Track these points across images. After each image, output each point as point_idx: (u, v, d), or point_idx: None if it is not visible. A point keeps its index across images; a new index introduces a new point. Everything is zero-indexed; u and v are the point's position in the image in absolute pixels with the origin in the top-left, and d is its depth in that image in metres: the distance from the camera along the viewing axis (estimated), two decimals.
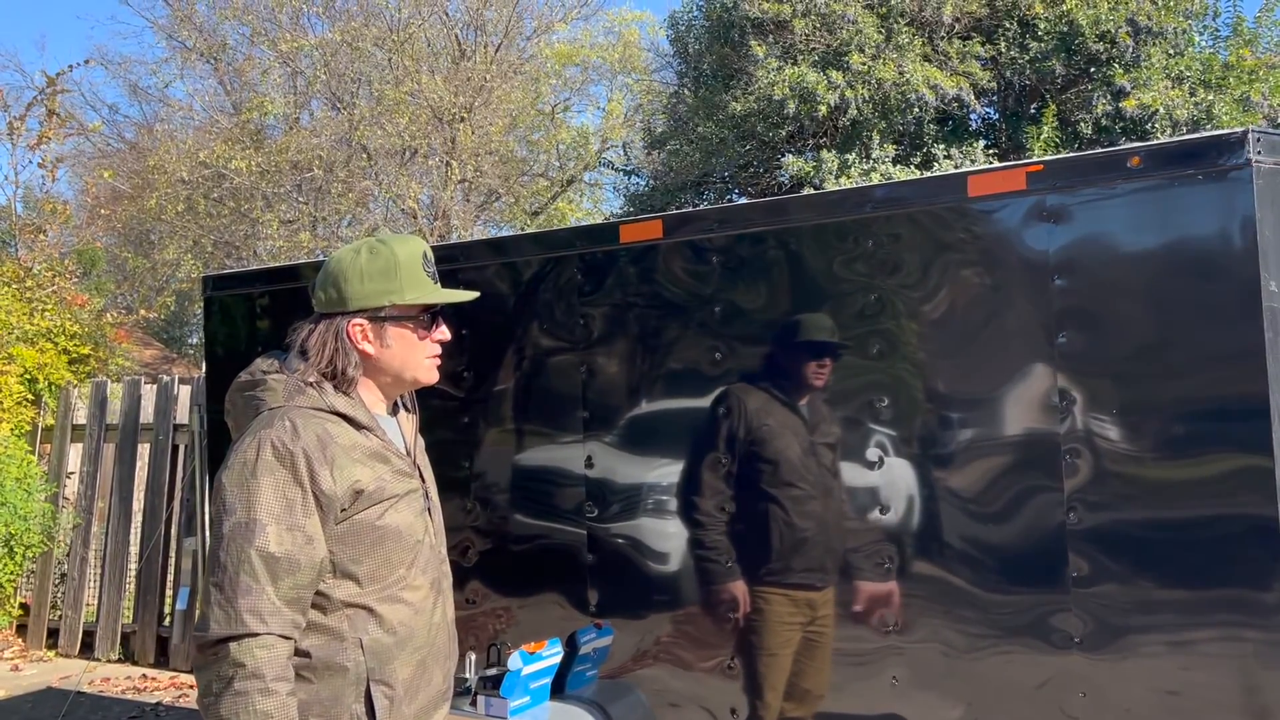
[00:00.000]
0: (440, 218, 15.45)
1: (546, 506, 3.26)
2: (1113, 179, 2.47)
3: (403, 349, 1.98)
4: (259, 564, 1.73)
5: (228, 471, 1.80)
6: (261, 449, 1.79)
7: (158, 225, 16.01)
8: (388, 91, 14.88)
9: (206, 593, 1.76)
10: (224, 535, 1.75)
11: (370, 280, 1.93)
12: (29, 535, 7.30)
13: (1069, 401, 2.52)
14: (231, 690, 1.69)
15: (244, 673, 1.70)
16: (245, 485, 1.77)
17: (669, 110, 12.72)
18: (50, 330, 8.02)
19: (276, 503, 1.77)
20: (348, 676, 1.84)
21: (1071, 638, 2.50)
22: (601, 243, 3.19)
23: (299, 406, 1.86)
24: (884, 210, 2.76)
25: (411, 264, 1.96)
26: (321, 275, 1.99)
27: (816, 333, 2.85)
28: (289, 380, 1.90)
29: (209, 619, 1.73)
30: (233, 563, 1.73)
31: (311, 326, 1.96)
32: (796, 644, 2.91)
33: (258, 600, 1.72)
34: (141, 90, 19.08)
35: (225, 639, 1.71)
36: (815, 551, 2.85)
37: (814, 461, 2.85)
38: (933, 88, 9.20)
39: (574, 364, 3.22)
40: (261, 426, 1.83)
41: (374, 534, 1.88)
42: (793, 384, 2.89)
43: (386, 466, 1.92)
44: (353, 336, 1.94)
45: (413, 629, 1.93)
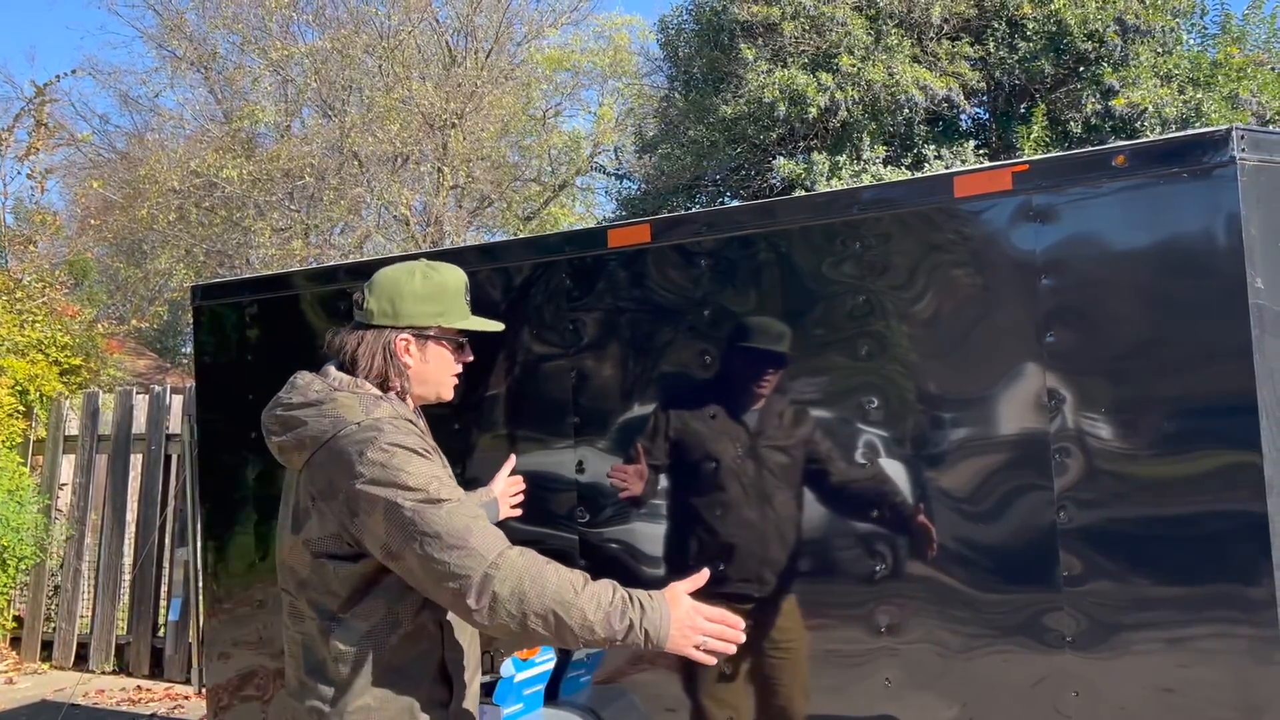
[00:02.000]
0: (433, 224, 15.44)
1: (538, 512, 3.25)
2: (1098, 178, 2.47)
3: (437, 366, 2.18)
4: (456, 511, 1.89)
5: (373, 481, 1.90)
6: (388, 448, 1.92)
7: (149, 235, 15.97)
8: (379, 98, 14.88)
9: (441, 576, 1.86)
10: (414, 517, 1.87)
11: (423, 302, 2.12)
12: (22, 547, 7.27)
13: (1058, 401, 2.52)
14: (535, 592, 1.84)
15: (529, 573, 1.86)
16: (400, 471, 1.90)
17: (660, 114, 12.73)
18: (41, 341, 8.00)
19: (430, 472, 1.93)
20: (420, 648, 2.04)
21: (1063, 637, 2.50)
22: (590, 247, 3.19)
23: (384, 417, 2.00)
24: (872, 212, 2.76)
25: (457, 292, 2.19)
26: (374, 289, 2.13)
27: (776, 342, 2.85)
28: (361, 396, 2.04)
29: (465, 575, 1.85)
30: (439, 525, 1.87)
31: (360, 336, 2.11)
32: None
33: (481, 533, 1.89)
34: (132, 100, 19.05)
35: (487, 574, 1.85)
36: (808, 554, 2.84)
37: (802, 464, 2.85)
38: (922, 89, 9.22)
39: (564, 369, 3.22)
40: (372, 432, 1.95)
41: None
42: (780, 387, 2.89)
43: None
44: (399, 350, 2.11)
45: None
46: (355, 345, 2.10)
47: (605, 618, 1.88)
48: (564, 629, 1.87)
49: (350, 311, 2.21)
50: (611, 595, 1.92)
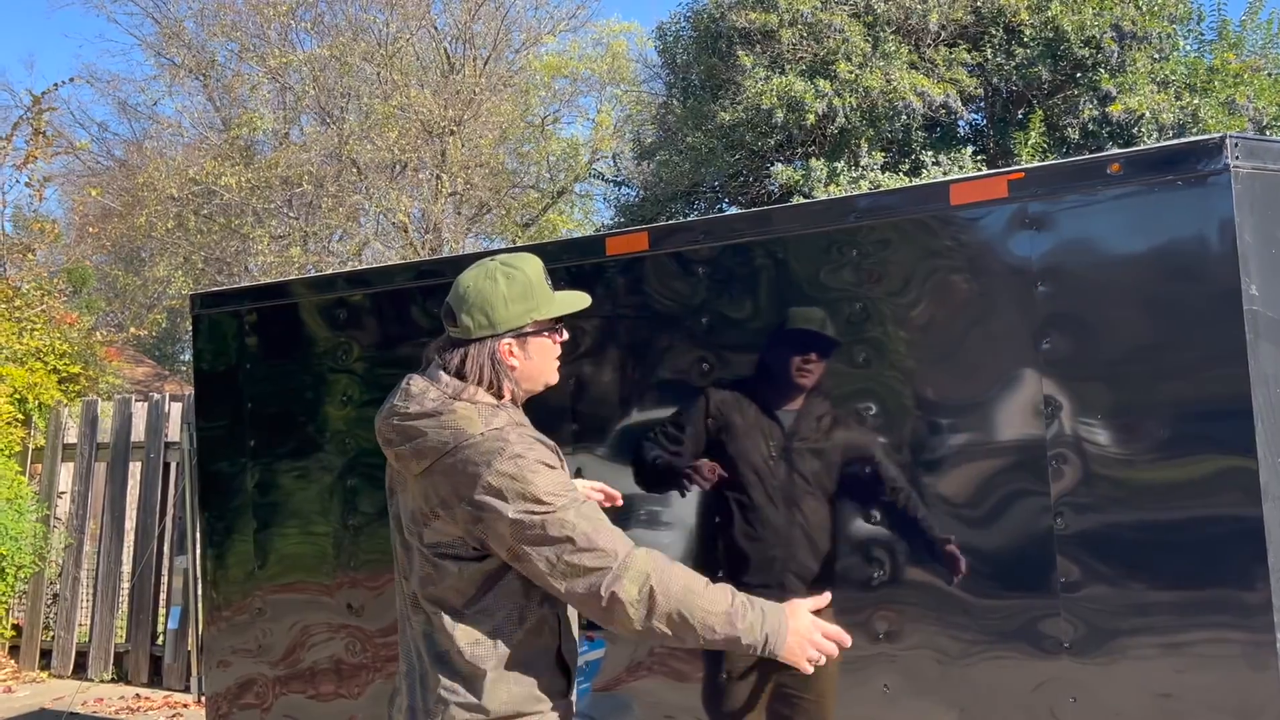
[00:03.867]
0: (431, 231, 15.47)
1: None
2: (1094, 185, 2.48)
3: (541, 358, 2.23)
4: (585, 514, 1.99)
5: (503, 493, 1.97)
6: (515, 459, 1.99)
7: (148, 242, 16.01)
8: (377, 106, 14.91)
9: (573, 575, 1.96)
10: (541, 526, 1.95)
11: (514, 303, 2.14)
12: (20, 556, 7.27)
13: (1054, 407, 2.53)
14: (662, 590, 1.93)
15: (656, 572, 1.95)
16: (529, 484, 1.97)
17: (658, 121, 12.77)
18: (40, 350, 8.01)
19: (555, 480, 2.01)
20: (540, 643, 2.11)
21: (1061, 642, 2.51)
22: (588, 255, 3.20)
23: (504, 426, 2.06)
24: (868, 219, 2.77)
25: (540, 281, 2.20)
26: (460, 302, 2.14)
27: (773, 350, 2.86)
28: (480, 407, 2.08)
29: (596, 576, 1.94)
30: (568, 528, 1.96)
31: (463, 351, 2.14)
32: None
33: (608, 533, 1.98)
34: (130, 108, 19.10)
35: (617, 574, 1.94)
36: (803, 559, 2.85)
37: (799, 469, 2.86)
38: (920, 95, 9.26)
39: (562, 376, 3.22)
40: (497, 444, 2.01)
41: None
42: (777, 392, 2.90)
43: None
44: (504, 356, 2.14)
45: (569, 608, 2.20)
46: (459, 362, 2.13)
47: (727, 618, 1.97)
48: (687, 628, 1.96)
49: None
50: (732, 599, 2.00)
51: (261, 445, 3.78)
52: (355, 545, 3.57)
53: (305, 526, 3.69)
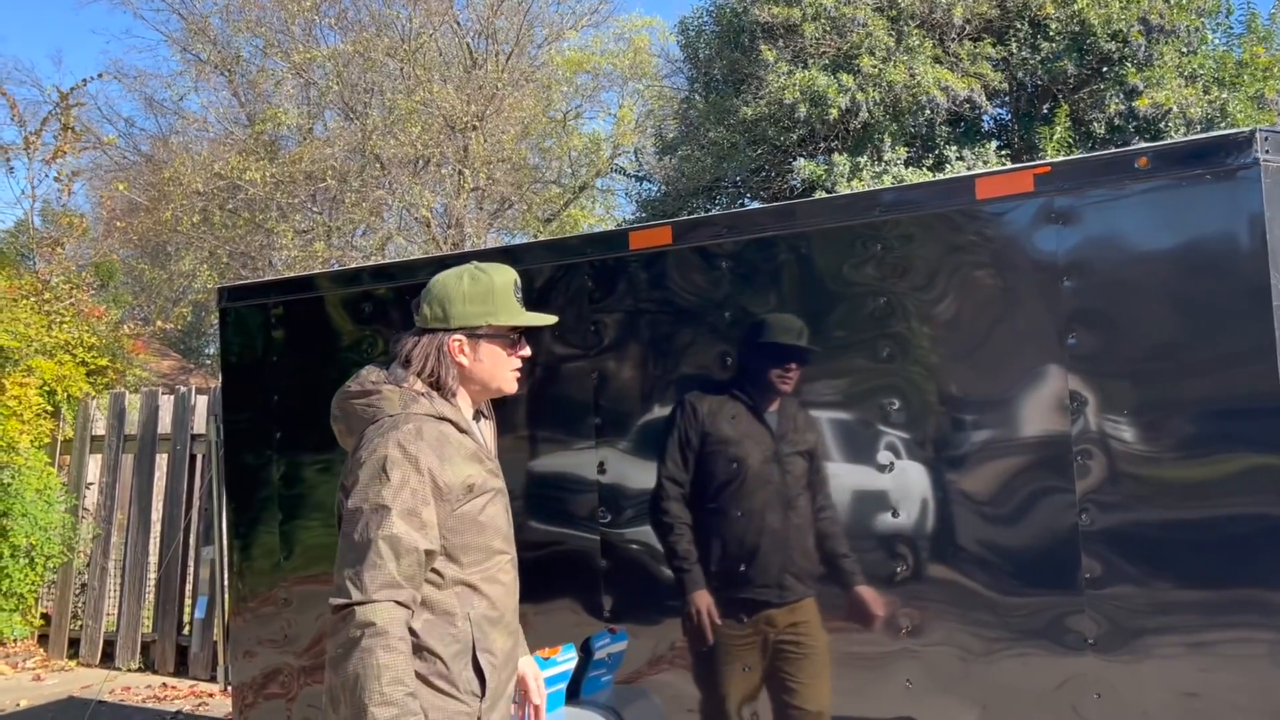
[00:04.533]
0: (454, 226, 15.51)
1: (560, 513, 3.28)
2: (1121, 180, 2.47)
3: (491, 363, 2.28)
4: (384, 544, 2.00)
5: (362, 467, 2.07)
6: (390, 448, 2.06)
7: (173, 237, 16.13)
8: (400, 101, 14.96)
9: (339, 569, 2.02)
10: (356, 520, 2.03)
11: (471, 303, 2.23)
12: (49, 546, 7.37)
13: (1080, 403, 2.51)
14: (359, 647, 1.94)
15: (371, 630, 1.95)
16: (376, 478, 2.04)
17: (680, 116, 12.74)
18: (68, 342, 8.10)
19: (403, 493, 2.04)
20: (455, 647, 2.12)
21: (1085, 639, 2.50)
22: (612, 249, 3.21)
23: (416, 413, 2.13)
24: (892, 214, 2.77)
25: (505, 291, 2.28)
26: (426, 294, 2.27)
27: (791, 336, 2.86)
28: (403, 391, 2.18)
29: (342, 590, 1.99)
30: (364, 542, 2.00)
31: (415, 339, 2.24)
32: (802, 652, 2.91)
33: (382, 574, 1.99)
34: (156, 103, 19.24)
35: (355, 604, 1.97)
36: (828, 555, 2.85)
37: (824, 466, 2.86)
38: (944, 89, 9.20)
39: (585, 370, 3.24)
40: (389, 429, 2.10)
41: (478, 523, 2.18)
42: (801, 388, 2.90)
43: (482, 466, 2.22)
44: (452, 350, 2.23)
45: (505, 606, 2.25)
46: (411, 347, 2.23)
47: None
48: (351, 699, 1.94)
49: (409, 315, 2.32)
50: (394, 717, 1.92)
51: (287, 437, 3.81)
52: None
53: (331, 519, 3.73)
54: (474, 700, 2.13)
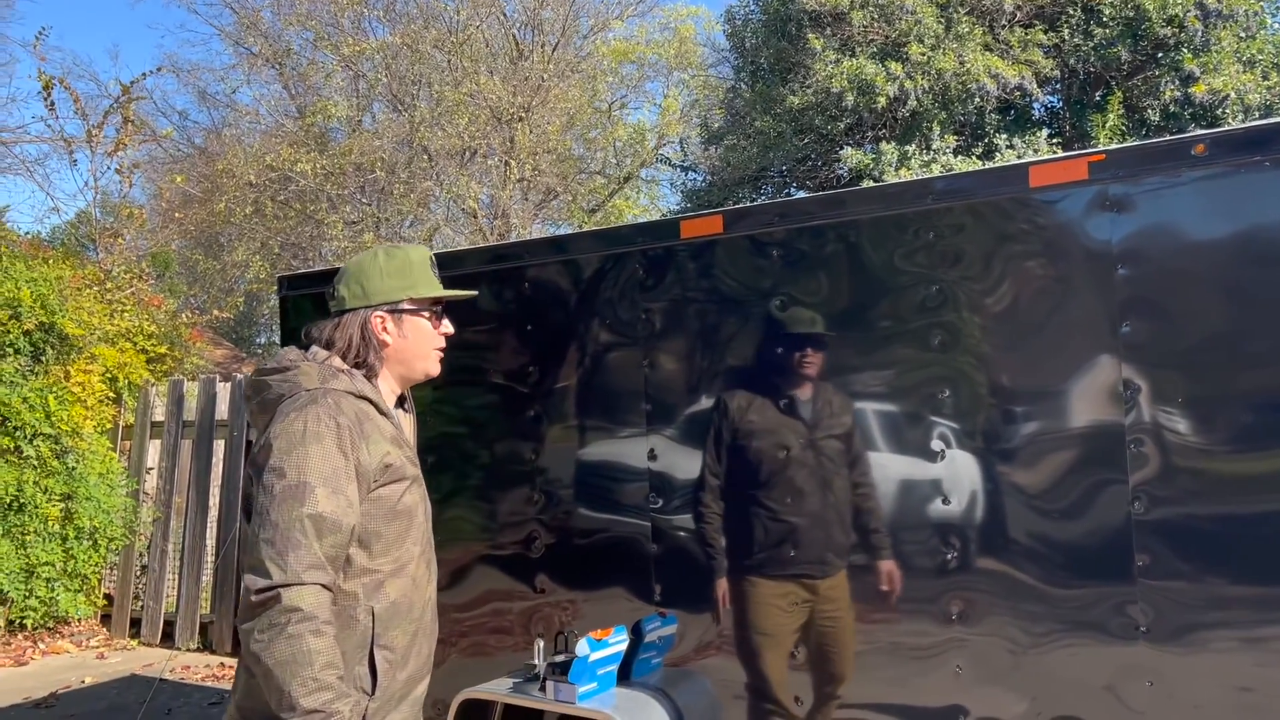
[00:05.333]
0: (500, 217, 15.64)
1: (611, 498, 3.33)
2: (1177, 167, 2.46)
3: (417, 340, 2.21)
4: (308, 523, 1.89)
5: (277, 440, 1.95)
6: (309, 422, 1.95)
7: (226, 228, 16.44)
8: (447, 93, 15.10)
9: (256, 548, 1.89)
10: (275, 496, 1.90)
11: (390, 277, 2.18)
12: (111, 529, 7.58)
13: (1134, 391, 2.51)
14: (285, 633, 1.83)
15: (299, 616, 1.84)
16: (295, 452, 1.93)
17: (726, 105, 12.73)
18: (129, 331, 8.31)
19: (324, 468, 1.93)
20: (354, 639, 2.01)
21: (1138, 627, 2.50)
22: (663, 239, 3.25)
23: (335, 389, 2.04)
24: (945, 202, 2.77)
25: (422, 265, 2.23)
26: (342, 277, 2.21)
27: (847, 332, 2.88)
28: (321, 367, 2.09)
29: (263, 571, 1.87)
30: (285, 521, 1.89)
31: (336, 320, 2.17)
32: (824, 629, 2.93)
33: (307, 554, 1.88)
34: (210, 96, 19.60)
35: (279, 586, 1.85)
36: (877, 542, 2.87)
37: (873, 454, 2.87)
38: (994, 77, 9.10)
39: (636, 358, 3.28)
40: (306, 403, 1.99)
41: (393, 509, 2.07)
42: (851, 376, 2.92)
43: (401, 450, 2.11)
44: (375, 327, 2.16)
45: (412, 601, 2.12)
46: (331, 329, 2.15)
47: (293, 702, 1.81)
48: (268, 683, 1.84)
49: None
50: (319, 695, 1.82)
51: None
52: (437, 519, 3.67)
53: None
54: (362, 697, 2.01)
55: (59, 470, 7.62)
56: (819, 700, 2.95)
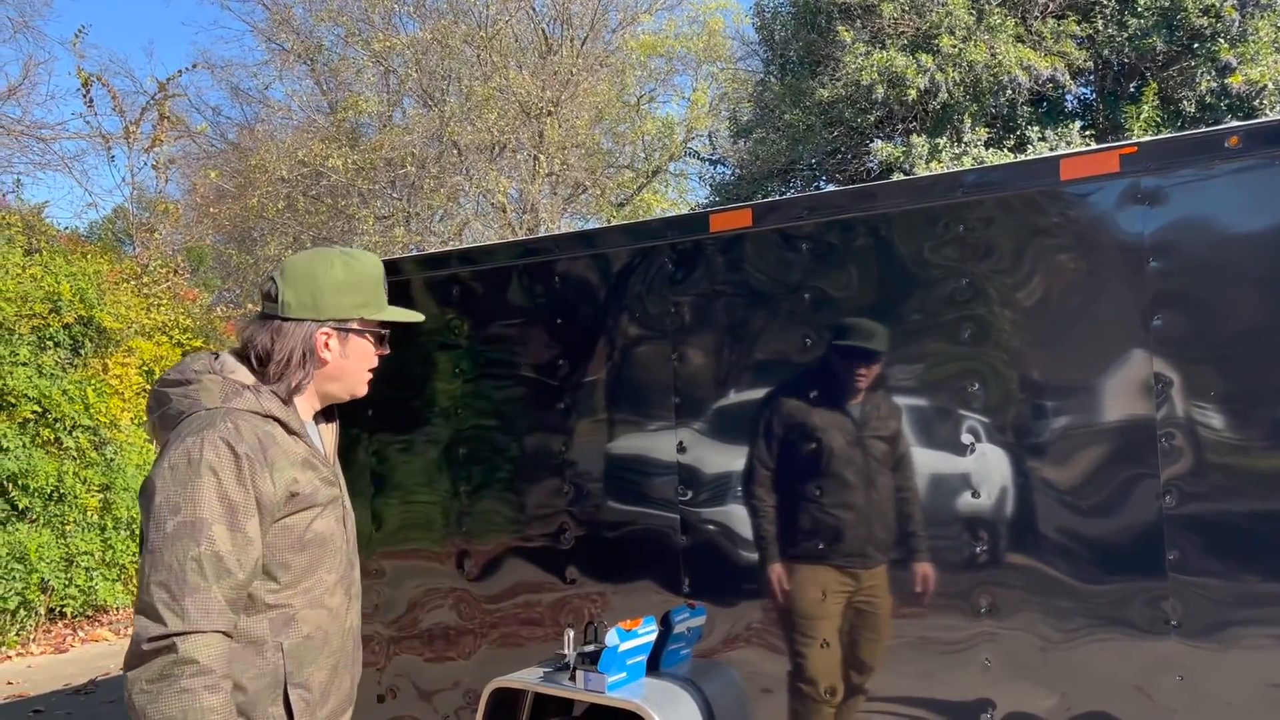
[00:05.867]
0: (528, 211, 15.70)
1: (641, 491, 3.35)
2: (1210, 160, 2.44)
3: (357, 361, 2.04)
4: (206, 564, 1.73)
5: (170, 470, 1.78)
6: (205, 448, 1.77)
7: (259, 223, 16.61)
8: (477, 88, 15.17)
9: (148, 590, 1.73)
10: (168, 533, 1.73)
11: (344, 292, 1.99)
12: None
13: (1165, 385, 2.50)
14: (177, 687, 1.67)
15: (192, 669, 1.68)
16: (189, 484, 1.76)
17: (755, 98, 12.70)
18: (165, 324, 8.44)
19: (220, 503, 1.76)
20: (264, 680, 1.86)
21: (1169, 621, 2.49)
22: (692, 232, 3.26)
23: (238, 408, 1.86)
24: (975, 195, 2.77)
25: (378, 282, 2.06)
26: (288, 279, 1.98)
27: (879, 325, 2.88)
28: (225, 382, 1.90)
29: (156, 616, 1.70)
30: (178, 561, 1.72)
31: (276, 328, 1.95)
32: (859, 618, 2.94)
33: (205, 598, 1.72)
34: (243, 92, 19.83)
35: (174, 635, 1.69)
36: (908, 537, 2.88)
37: (900, 447, 2.88)
38: (1026, 69, 9.02)
39: (665, 352, 3.30)
40: (203, 426, 1.81)
41: (302, 539, 1.91)
42: (883, 369, 2.92)
43: (314, 473, 1.94)
44: (318, 344, 1.98)
45: (329, 633, 1.97)
46: (270, 339, 1.95)
47: None
48: None
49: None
50: None
51: (377, 414, 3.96)
52: (469, 512, 3.72)
53: (419, 494, 3.86)
54: None
55: (97, 461, 7.77)
56: (850, 691, 2.96)
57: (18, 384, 7.38)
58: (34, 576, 7.43)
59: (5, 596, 7.29)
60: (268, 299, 1.99)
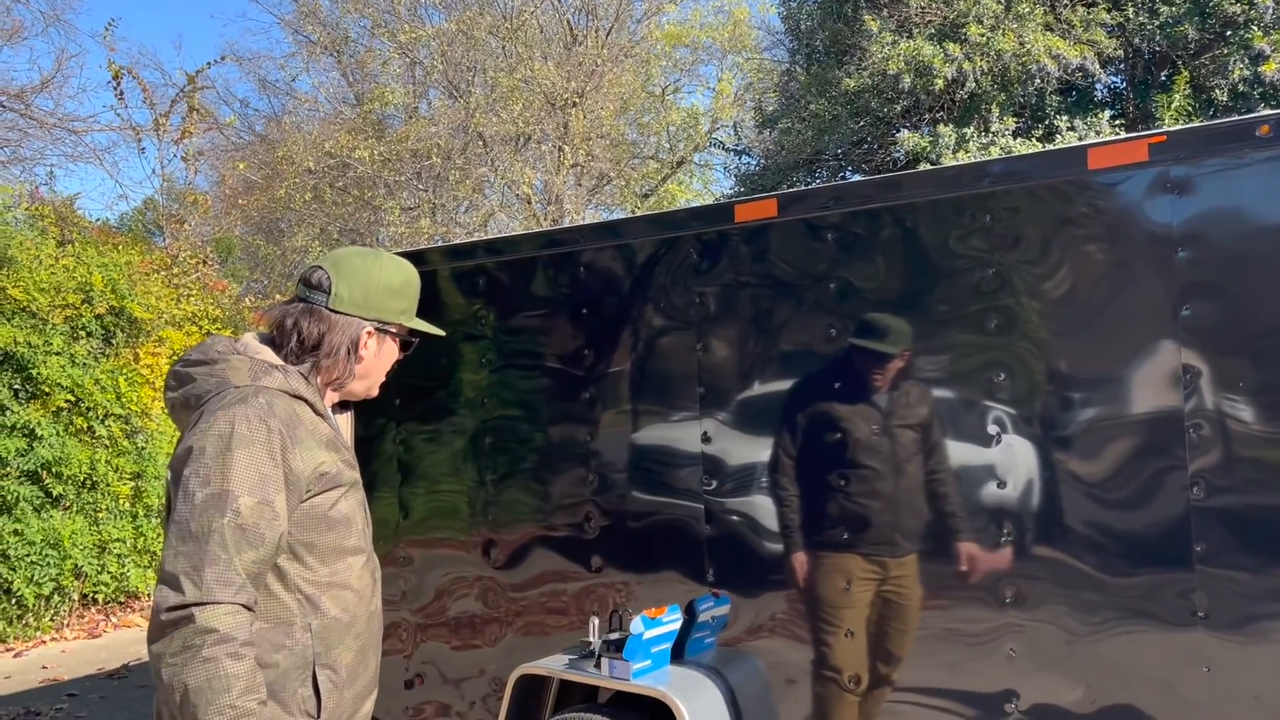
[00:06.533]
0: (553, 202, 15.72)
1: (665, 480, 3.37)
2: (1240, 149, 2.42)
3: (384, 364, 2.11)
4: (230, 535, 1.74)
5: (201, 443, 1.79)
6: (237, 423, 1.80)
7: (286, 214, 16.74)
8: (502, 79, 15.20)
9: (171, 559, 1.74)
10: (196, 504, 1.75)
11: (395, 297, 2.06)
12: None
13: (1193, 376, 2.48)
14: (200, 657, 1.69)
15: (214, 638, 1.69)
16: (221, 457, 1.77)
17: (780, 88, 12.65)
18: (195, 314, 8.54)
19: (250, 476, 1.78)
20: (294, 659, 1.87)
21: (1195, 613, 2.48)
22: (717, 222, 3.27)
23: (268, 387, 1.88)
24: (1002, 185, 2.76)
25: (417, 291, 2.13)
26: (343, 271, 2.02)
27: (905, 316, 2.87)
28: (253, 362, 1.93)
29: (175, 585, 1.72)
30: (203, 532, 1.74)
31: (327, 320, 1.99)
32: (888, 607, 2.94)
33: (226, 570, 1.73)
34: (270, 84, 19.98)
35: (192, 605, 1.70)
36: (934, 527, 2.88)
37: (926, 436, 2.88)
38: (1055, 57, 8.92)
39: (690, 342, 3.31)
40: (235, 402, 1.83)
41: (327, 518, 1.93)
42: (909, 360, 2.92)
43: (337, 455, 1.97)
44: (362, 342, 2.03)
45: (355, 615, 1.99)
46: (321, 328, 1.98)
47: None
48: (181, 711, 1.70)
49: None
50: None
51: (404, 404, 3.99)
52: (495, 500, 3.75)
53: (446, 483, 3.89)
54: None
55: (129, 450, 7.87)
56: (875, 681, 2.97)
57: (51, 373, 7.49)
58: (68, 563, 7.55)
59: (40, 582, 7.41)
60: (315, 288, 2.01)
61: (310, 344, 1.98)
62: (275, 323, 2.02)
